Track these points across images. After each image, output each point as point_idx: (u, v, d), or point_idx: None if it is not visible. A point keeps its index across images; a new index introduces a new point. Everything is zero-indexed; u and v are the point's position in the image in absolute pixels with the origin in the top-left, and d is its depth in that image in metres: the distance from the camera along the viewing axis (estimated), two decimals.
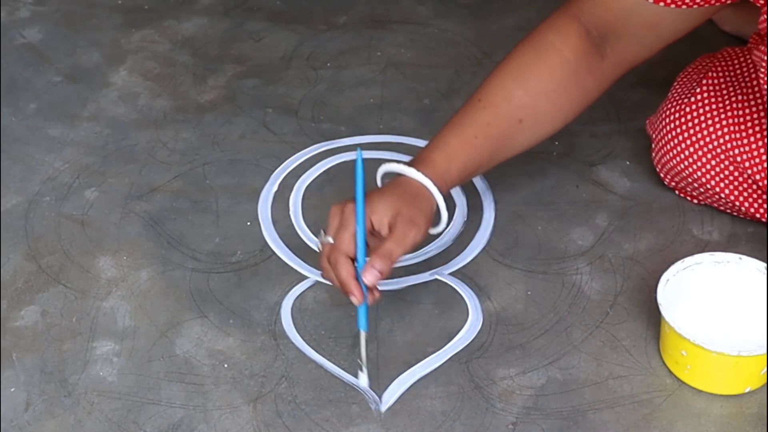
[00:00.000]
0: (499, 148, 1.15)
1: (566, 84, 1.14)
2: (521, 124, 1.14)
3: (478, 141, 1.13)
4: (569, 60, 1.13)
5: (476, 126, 1.13)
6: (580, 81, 1.15)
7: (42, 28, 1.65)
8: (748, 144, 1.19)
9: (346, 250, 1.04)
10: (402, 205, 1.06)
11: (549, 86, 1.14)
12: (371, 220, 1.06)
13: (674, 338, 1.06)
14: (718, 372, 1.06)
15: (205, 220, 1.30)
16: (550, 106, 1.15)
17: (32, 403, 1.09)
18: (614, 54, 1.15)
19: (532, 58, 1.14)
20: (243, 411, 1.08)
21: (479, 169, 1.16)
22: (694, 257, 1.12)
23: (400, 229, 1.04)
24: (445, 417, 1.07)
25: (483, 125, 1.13)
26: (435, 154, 1.12)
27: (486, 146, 1.14)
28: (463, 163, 1.12)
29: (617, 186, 1.33)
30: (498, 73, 1.15)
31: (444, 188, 1.10)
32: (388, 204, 1.06)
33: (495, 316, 1.17)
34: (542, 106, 1.14)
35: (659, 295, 1.08)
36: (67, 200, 1.33)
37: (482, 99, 1.14)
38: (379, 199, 1.07)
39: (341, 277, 1.04)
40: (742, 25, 1.51)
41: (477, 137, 1.13)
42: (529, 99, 1.14)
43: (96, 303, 1.19)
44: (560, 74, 1.14)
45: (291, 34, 1.63)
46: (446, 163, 1.11)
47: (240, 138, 1.42)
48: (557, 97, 1.15)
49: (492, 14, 1.64)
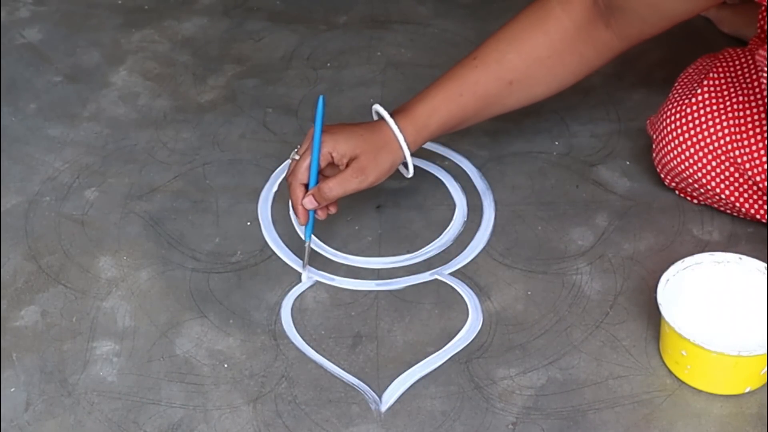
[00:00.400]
0: (485, 106, 1.20)
1: (562, 51, 1.17)
2: (511, 86, 1.19)
3: (463, 98, 1.18)
4: (568, 28, 1.16)
5: (464, 83, 1.18)
6: (577, 49, 1.18)
7: (42, 28, 1.65)
8: (749, 145, 1.19)
9: (300, 177, 1.16)
10: (363, 151, 1.15)
11: (543, 52, 1.17)
12: (331, 155, 1.15)
13: (674, 338, 1.06)
14: (718, 372, 1.06)
15: (205, 220, 1.30)
16: (543, 71, 1.19)
17: (32, 403, 1.09)
18: (618, 27, 1.16)
19: (531, 23, 1.18)
20: (243, 411, 1.08)
21: (462, 124, 1.22)
22: (694, 257, 1.12)
23: (348, 172, 1.15)
24: (445, 417, 1.07)
25: (471, 83, 1.18)
26: (418, 106, 1.18)
27: (470, 104, 1.19)
28: (443, 119, 1.19)
29: (617, 186, 1.33)
30: (497, 34, 1.20)
31: (419, 139, 1.18)
32: (350, 144, 1.15)
33: (495, 316, 1.17)
34: (535, 70, 1.18)
35: (659, 295, 1.08)
36: (67, 200, 1.33)
37: (477, 58, 1.19)
38: (344, 137, 1.16)
39: (292, 199, 1.17)
40: (741, 26, 1.51)
41: (462, 94, 1.18)
42: (521, 62, 1.18)
43: (96, 303, 1.19)
44: (557, 41, 1.17)
45: (291, 34, 1.63)
46: (426, 117, 1.18)
47: (240, 138, 1.42)
48: (552, 63, 1.18)
49: (492, 14, 1.64)
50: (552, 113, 1.44)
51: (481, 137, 1.40)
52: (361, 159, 1.15)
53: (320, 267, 1.23)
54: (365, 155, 1.15)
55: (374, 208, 1.30)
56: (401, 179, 1.35)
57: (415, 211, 1.30)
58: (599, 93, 1.48)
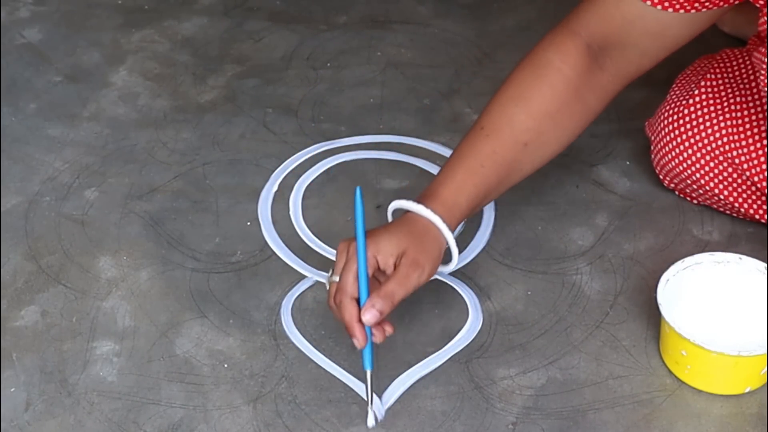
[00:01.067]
0: (506, 174, 1.12)
1: (569, 102, 1.12)
2: (526, 148, 1.12)
3: (485, 170, 1.10)
4: (570, 78, 1.11)
5: (481, 155, 1.10)
6: (582, 98, 1.13)
7: (42, 28, 1.65)
8: (747, 146, 1.19)
9: (350, 291, 1.03)
10: (408, 245, 1.04)
11: (552, 106, 1.11)
12: (376, 259, 1.04)
13: (674, 338, 1.06)
14: (718, 372, 1.06)
15: (205, 220, 1.30)
16: (553, 126, 1.13)
17: (32, 403, 1.09)
18: (615, 67, 1.13)
19: (533, 79, 1.12)
20: (243, 411, 1.08)
21: (488, 198, 1.14)
22: (694, 257, 1.12)
23: (404, 269, 1.03)
24: (445, 417, 1.07)
25: (488, 153, 1.10)
26: (442, 187, 1.09)
27: (493, 174, 1.11)
28: (471, 195, 1.10)
29: (617, 186, 1.33)
30: (499, 97, 1.13)
31: (453, 222, 1.09)
32: (393, 243, 1.04)
33: (495, 316, 1.17)
34: (546, 127, 1.12)
35: (659, 295, 1.08)
36: (67, 200, 1.33)
37: (485, 126, 1.12)
38: (385, 237, 1.05)
39: (344, 320, 1.03)
40: (742, 25, 1.51)
41: (483, 166, 1.10)
42: (532, 121, 1.11)
43: (96, 303, 1.19)
44: (562, 93, 1.11)
45: (291, 34, 1.63)
46: (454, 196, 1.09)
47: (240, 138, 1.42)
48: (561, 117, 1.12)
49: (492, 14, 1.64)
50: None
51: None
52: (409, 253, 1.04)
53: (320, 267, 1.23)
54: (412, 248, 1.04)
55: (374, 209, 1.30)
56: (400, 179, 1.35)
57: None
58: None
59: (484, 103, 1.13)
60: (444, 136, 1.41)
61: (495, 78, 1.51)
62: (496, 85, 1.14)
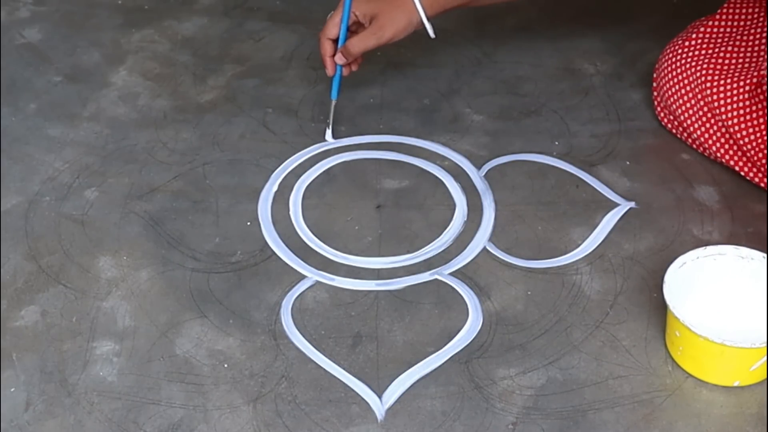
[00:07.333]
0: None
1: None
2: None
3: None
4: None
5: None
6: None
7: (42, 28, 1.65)
8: (725, 92, 1.27)
9: (329, 33, 1.34)
10: (380, 10, 1.32)
11: None
12: (356, 14, 1.33)
13: (670, 318, 1.08)
14: (705, 358, 1.06)
15: (205, 220, 1.30)
16: None
17: (32, 403, 1.09)
18: None
19: None
20: (243, 411, 1.08)
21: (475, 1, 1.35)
22: (718, 247, 1.12)
23: (368, 29, 1.32)
24: (445, 417, 1.07)
25: None
26: None
27: None
28: None
29: (617, 186, 1.33)
30: None
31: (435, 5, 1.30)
32: (371, 6, 1.32)
33: (495, 316, 1.17)
34: None
35: (668, 275, 1.09)
36: (67, 200, 1.33)
37: None
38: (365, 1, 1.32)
39: (321, 53, 1.35)
40: None
41: None
42: None
43: (96, 303, 1.19)
44: None
45: (291, 34, 1.63)
46: None
47: (240, 138, 1.43)
48: None
49: (492, 14, 1.64)
50: (552, 113, 1.44)
51: (481, 137, 1.40)
52: (379, 17, 1.31)
53: (320, 267, 1.23)
54: (383, 14, 1.31)
55: (374, 208, 1.30)
56: (400, 179, 1.35)
57: (415, 211, 1.30)
58: (599, 93, 1.48)
59: (484, 103, 1.13)
60: (444, 136, 1.41)
61: (495, 78, 1.52)
62: (496, 85, 1.14)
